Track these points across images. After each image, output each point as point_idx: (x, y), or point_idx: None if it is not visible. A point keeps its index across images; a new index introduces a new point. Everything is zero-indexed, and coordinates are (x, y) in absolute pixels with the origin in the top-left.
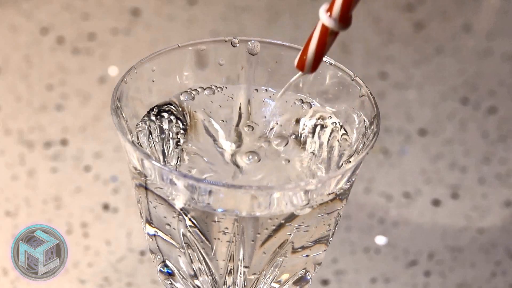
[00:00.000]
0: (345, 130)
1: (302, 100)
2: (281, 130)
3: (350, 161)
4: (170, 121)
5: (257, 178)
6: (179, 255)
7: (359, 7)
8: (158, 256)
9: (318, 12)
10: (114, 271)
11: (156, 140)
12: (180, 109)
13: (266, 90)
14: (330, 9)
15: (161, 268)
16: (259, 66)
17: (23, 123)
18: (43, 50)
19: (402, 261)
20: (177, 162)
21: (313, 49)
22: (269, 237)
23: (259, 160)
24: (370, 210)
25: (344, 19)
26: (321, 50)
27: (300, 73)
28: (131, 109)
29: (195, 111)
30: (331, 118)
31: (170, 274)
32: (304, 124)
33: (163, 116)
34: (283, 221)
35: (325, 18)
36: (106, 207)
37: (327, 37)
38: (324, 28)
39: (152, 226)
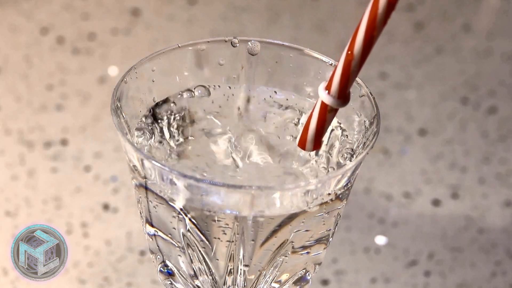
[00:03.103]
0: (345, 130)
1: (298, 99)
2: (281, 130)
3: (350, 161)
4: (170, 121)
5: (256, 177)
6: (179, 255)
7: (358, 6)
8: (158, 256)
9: (318, 13)
10: (114, 271)
11: (156, 140)
12: (180, 109)
13: (267, 88)
14: (328, 87)
15: (161, 268)
16: (259, 66)
17: (23, 123)
18: (43, 50)
19: (402, 261)
20: (177, 162)
21: (314, 128)
22: (269, 237)
23: (259, 160)
24: (370, 210)
25: (343, 96)
26: (321, 127)
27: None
28: (131, 109)
29: (195, 111)
30: None
31: (170, 274)
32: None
33: (163, 116)
34: (283, 221)
35: (324, 96)
36: (106, 207)
37: (327, 114)
38: (324, 105)
39: (152, 226)
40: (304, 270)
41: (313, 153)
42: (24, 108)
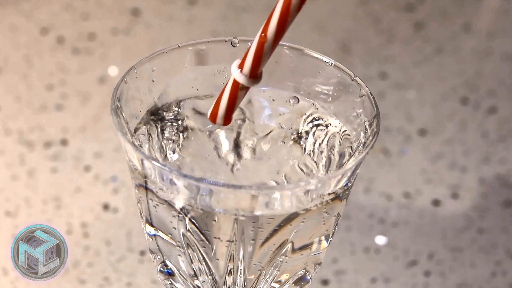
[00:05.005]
0: (345, 130)
1: (298, 99)
2: (281, 130)
3: (350, 161)
4: (170, 121)
5: (257, 177)
6: (179, 255)
7: (358, 6)
8: (158, 256)
9: (315, 14)
10: (114, 271)
11: (156, 140)
12: (180, 108)
13: (264, 91)
14: (241, 66)
15: (161, 268)
16: None
17: (23, 123)
18: (43, 50)
19: (402, 261)
20: (177, 162)
21: (225, 103)
22: (269, 237)
23: (259, 160)
24: (370, 210)
25: (254, 76)
26: (232, 104)
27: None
28: (131, 109)
29: (195, 111)
30: (331, 118)
31: (170, 274)
32: (304, 124)
33: (163, 116)
34: (283, 221)
35: (236, 74)
36: (106, 207)
37: (238, 92)
38: (236, 83)
39: (152, 226)
40: (304, 270)
41: (313, 153)
42: (24, 108)
